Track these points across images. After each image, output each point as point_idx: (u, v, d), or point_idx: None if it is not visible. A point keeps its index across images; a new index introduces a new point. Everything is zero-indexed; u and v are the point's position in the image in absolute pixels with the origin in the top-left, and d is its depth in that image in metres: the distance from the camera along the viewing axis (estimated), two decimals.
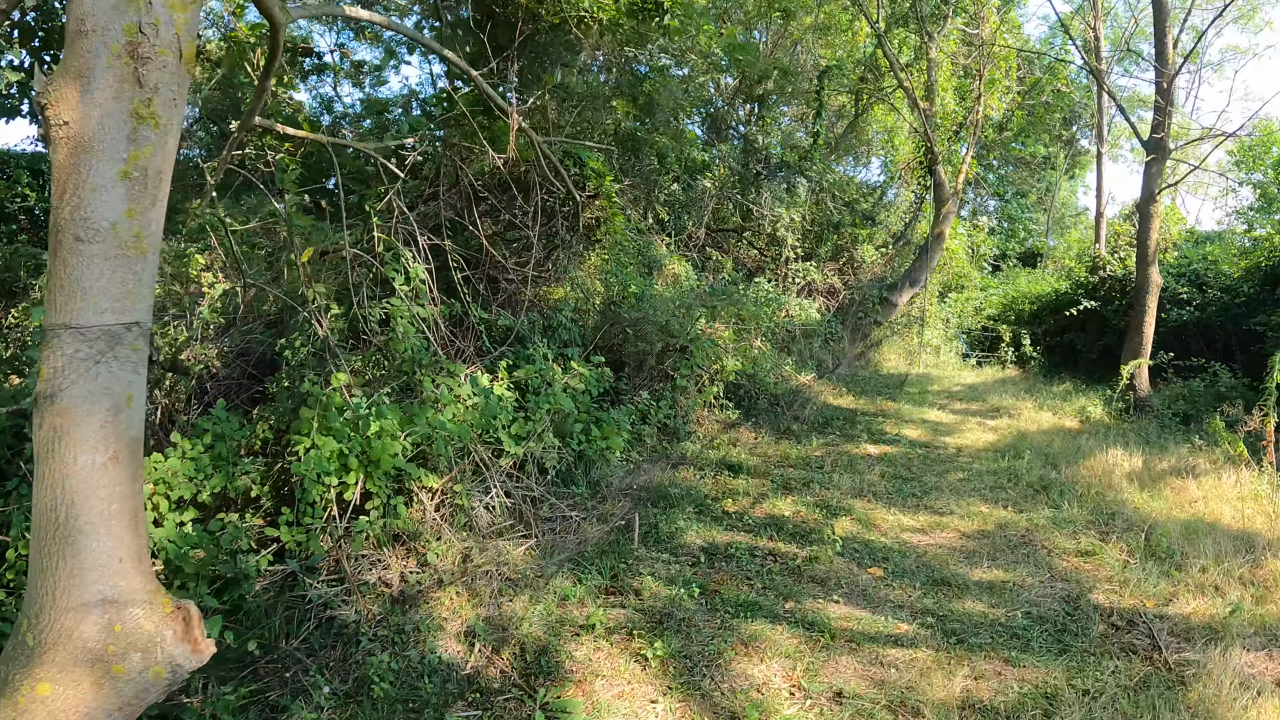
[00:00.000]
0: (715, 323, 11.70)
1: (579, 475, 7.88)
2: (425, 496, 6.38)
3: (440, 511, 6.37)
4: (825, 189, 19.36)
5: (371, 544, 6.04)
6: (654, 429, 9.83)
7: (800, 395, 13.07)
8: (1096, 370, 17.95)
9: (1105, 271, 18.29)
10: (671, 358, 10.68)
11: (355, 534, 5.89)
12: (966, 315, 21.24)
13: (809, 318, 17.64)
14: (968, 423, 12.64)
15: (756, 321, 14.59)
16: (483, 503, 6.57)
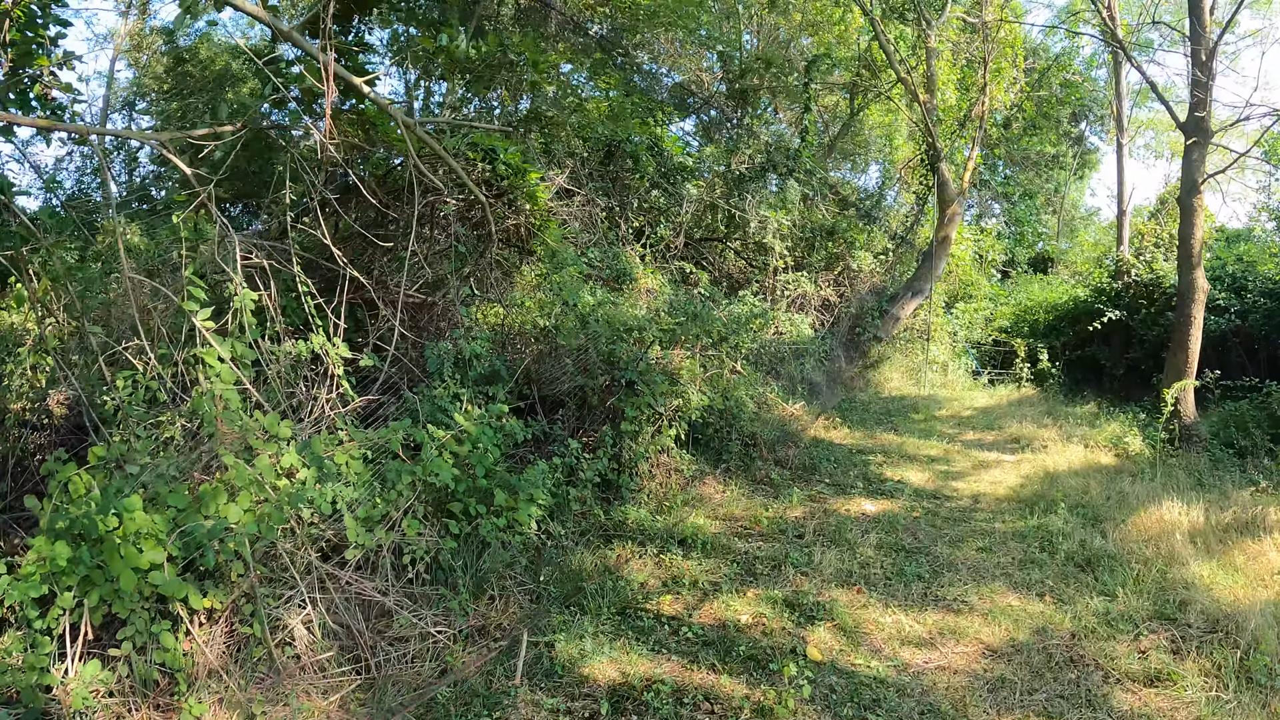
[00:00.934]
0: (676, 348, 9.75)
1: (460, 569, 5.90)
2: (204, 619, 4.44)
3: (227, 641, 4.42)
4: (816, 190, 17.41)
5: (119, 691, 4.11)
6: (587, 490, 7.87)
7: (786, 431, 11.09)
8: (1123, 388, 15.96)
9: (1130, 277, 16.31)
10: (618, 394, 8.73)
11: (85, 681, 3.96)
12: (975, 328, 19.27)
13: (800, 334, 15.71)
14: (984, 460, 10.65)
15: (735, 343, 12.65)
16: (299, 619, 4.62)
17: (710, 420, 9.85)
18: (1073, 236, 33.76)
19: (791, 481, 9.23)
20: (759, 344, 14.11)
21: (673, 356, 9.33)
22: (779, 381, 14.23)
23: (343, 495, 5.35)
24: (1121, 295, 16.37)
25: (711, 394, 9.82)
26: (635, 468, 8.72)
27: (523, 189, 9.00)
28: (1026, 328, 18.60)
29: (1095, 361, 16.69)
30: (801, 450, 10.40)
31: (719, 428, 9.95)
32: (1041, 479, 9.48)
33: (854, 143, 27.91)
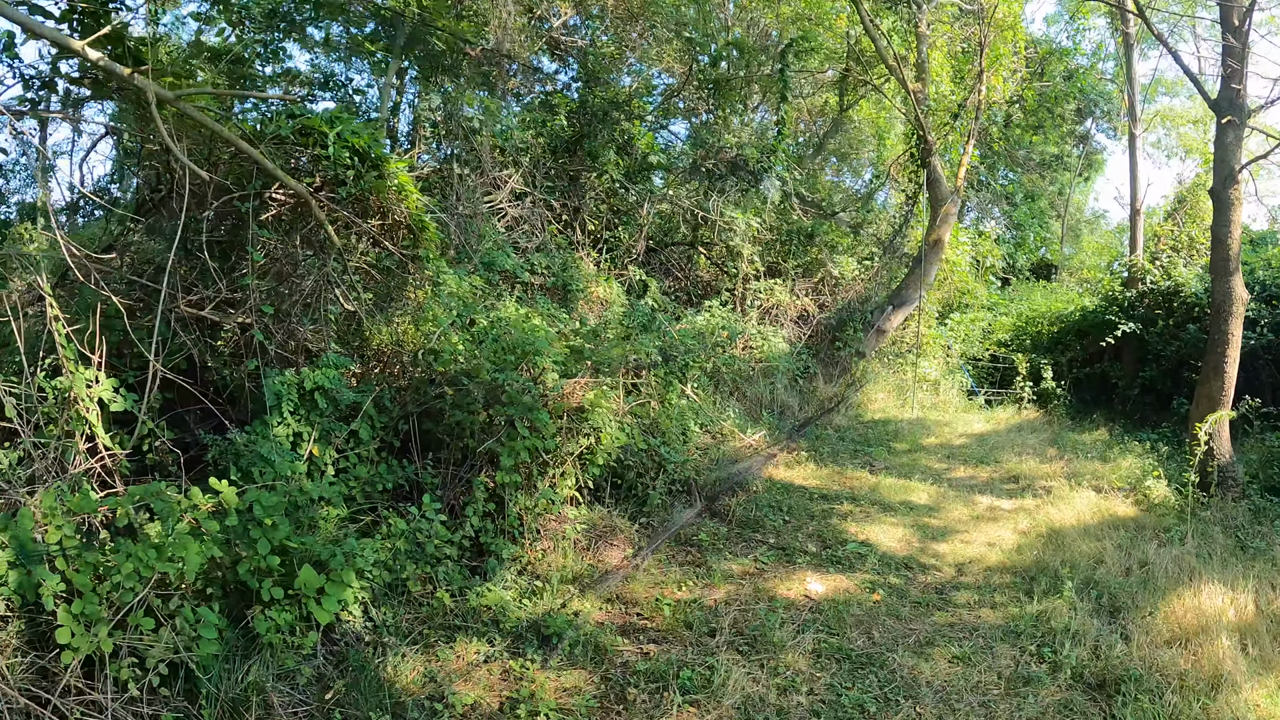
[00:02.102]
0: (584, 376, 7.88)
1: (215, 679, 4.08)
2: None
3: None
4: (793, 189, 15.53)
5: None
6: (441, 564, 6.04)
7: (734, 471, 9.20)
8: (1137, 411, 14.04)
9: (1145, 284, 14.40)
10: (500, 434, 6.87)
11: None
12: (972, 341, 17.33)
13: (772, 350, 13.84)
14: (975, 509, 8.75)
15: (683, 363, 10.79)
16: None
17: (630, 463, 7.97)
18: (1077, 242, 31.83)
19: (725, 543, 7.33)
20: (722, 362, 12.26)
21: (573, 387, 7.44)
22: (743, 405, 12.37)
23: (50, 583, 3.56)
24: (1135, 305, 14.47)
25: (632, 430, 7.94)
26: (519, 528, 6.87)
27: (382, 182, 7.13)
28: (1028, 341, 16.67)
29: (1105, 380, 14.77)
30: (749, 498, 8.50)
31: (646, 469, 8.06)
32: (1044, 539, 7.57)
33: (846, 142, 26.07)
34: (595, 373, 8.21)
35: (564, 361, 7.75)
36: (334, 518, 6.45)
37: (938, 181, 15.58)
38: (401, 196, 7.60)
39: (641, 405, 8.77)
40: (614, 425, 7.81)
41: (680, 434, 9.49)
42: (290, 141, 7.09)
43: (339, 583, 5.17)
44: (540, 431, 6.90)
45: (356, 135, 7.09)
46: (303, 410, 6.89)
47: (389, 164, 7.33)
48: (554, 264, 13.93)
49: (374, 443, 7.35)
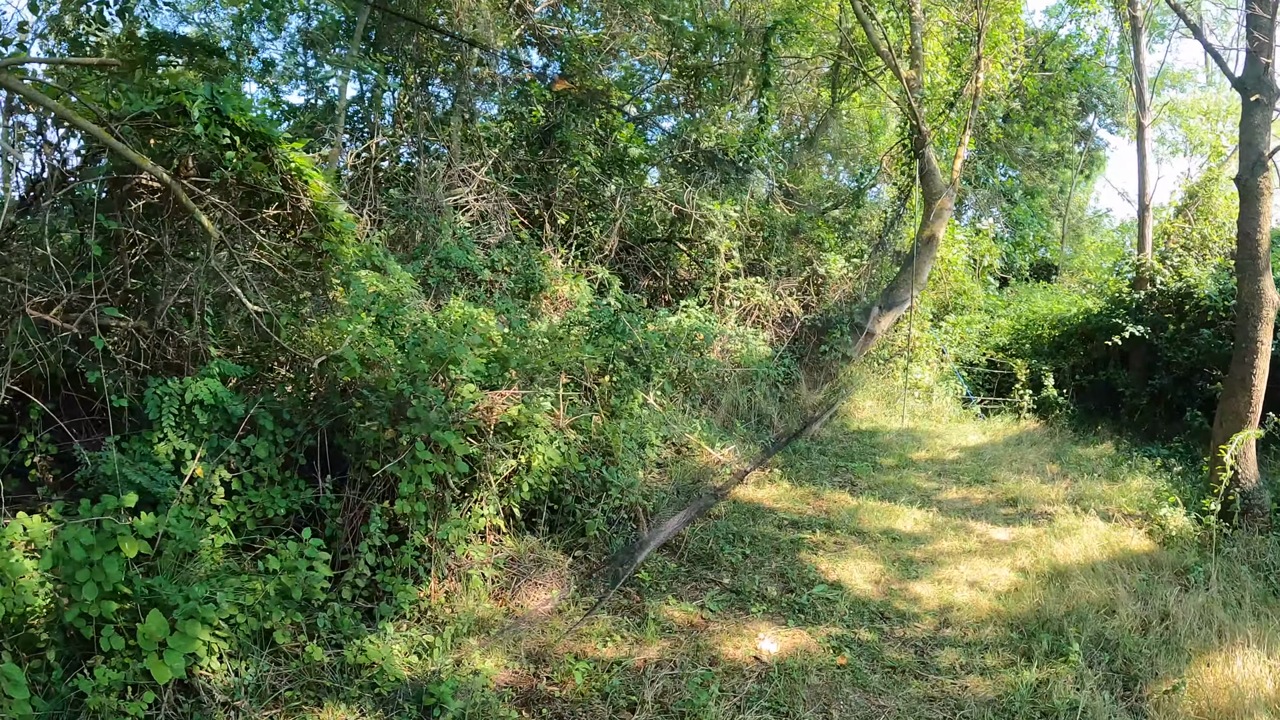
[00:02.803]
0: (510, 385, 6.81)
1: None
2: None
3: None
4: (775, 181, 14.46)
5: None
6: (313, 608, 5.03)
7: (695, 492, 8.14)
8: (1146, 421, 12.97)
9: (1154, 285, 13.33)
10: (405, 454, 5.82)
11: None
12: (968, 345, 16.24)
13: (753, 353, 12.78)
14: (965, 539, 7.67)
15: (644, 368, 9.73)
16: None
17: (566, 486, 6.91)
18: (1078, 242, 30.68)
19: (670, 583, 6.27)
20: (694, 366, 11.21)
21: (494, 400, 6.38)
22: (716, 414, 11.31)
23: None
24: (1143, 308, 13.40)
25: (569, 450, 6.87)
26: (426, 565, 5.84)
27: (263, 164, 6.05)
28: (1028, 345, 15.58)
29: (1111, 388, 13.70)
30: (708, 525, 7.43)
31: (581, 495, 7.00)
32: (1045, 581, 6.51)
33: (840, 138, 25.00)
34: (529, 383, 7.14)
35: (485, 371, 6.67)
36: (220, 549, 5.48)
37: (932, 174, 14.51)
38: (299, 182, 6.51)
39: (585, 419, 7.69)
40: (548, 444, 6.76)
41: (637, 449, 8.43)
42: (158, 120, 6.02)
43: (185, 634, 4.18)
44: (449, 454, 5.84)
45: (240, 112, 6.02)
46: (186, 425, 5.88)
47: (279, 144, 6.24)
48: (516, 261, 12.88)
49: (278, 460, 6.35)
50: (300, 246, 6.76)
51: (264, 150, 6.13)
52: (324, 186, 6.57)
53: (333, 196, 6.79)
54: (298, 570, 5.22)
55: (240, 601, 4.84)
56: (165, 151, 6.05)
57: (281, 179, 6.37)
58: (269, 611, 5.01)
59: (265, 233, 6.66)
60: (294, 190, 6.48)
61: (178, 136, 5.92)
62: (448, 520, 6.12)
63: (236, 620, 4.82)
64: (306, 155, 6.44)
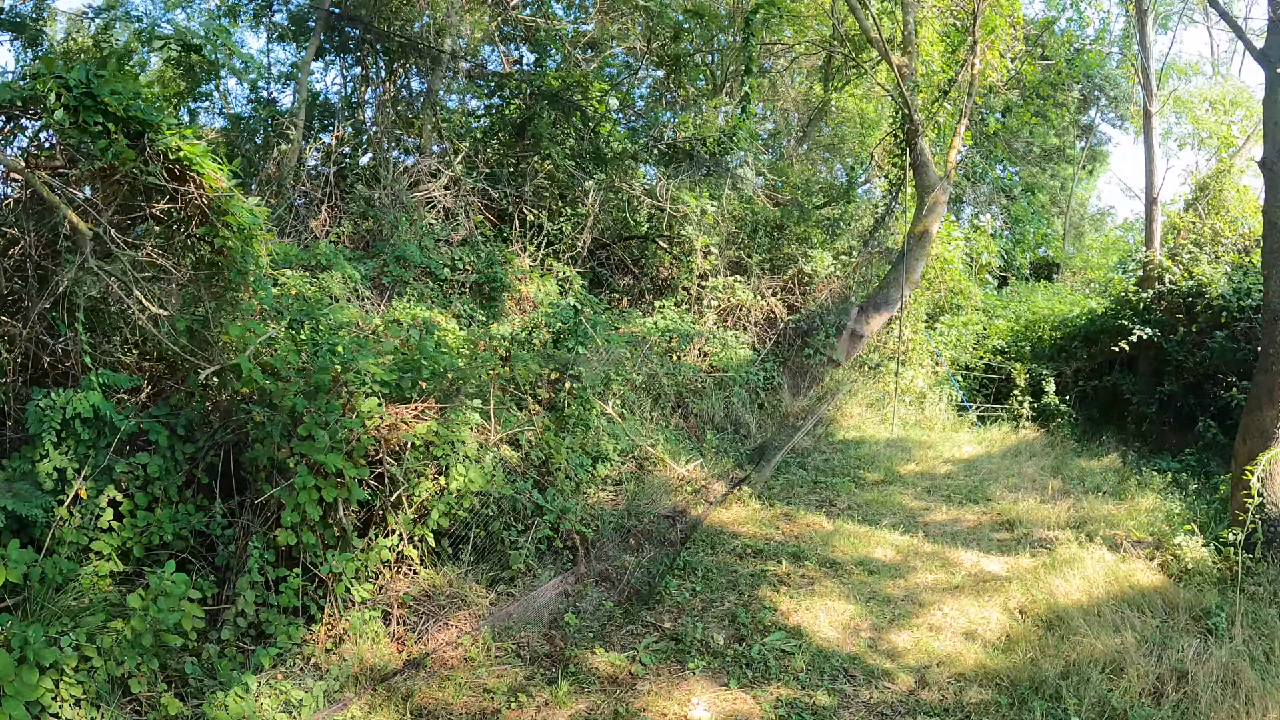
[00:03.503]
0: (421, 398, 5.91)
1: None
2: None
3: None
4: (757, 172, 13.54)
5: None
6: (170, 651, 4.17)
7: (651, 515, 7.23)
8: (1154, 431, 12.04)
9: (1163, 284, 12.40)
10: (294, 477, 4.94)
11: None
12: (964, 347, 15.29)
13: (733, 357, 11.87)
14: (951, 573, 6.75)
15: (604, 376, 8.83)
16: None
17: (491, 512, 6.00)
18: (1080, 240, 29.69)
19: (603, 626, 5.36)
20: (664, 372, 10.32)
21: (401, 416, 5.47)
22: (687, 424, 10.41)
23: None
24: (1151, 308, 12.47)
25: (493, 471, 5.95)
26: (318, 601, 4.99)
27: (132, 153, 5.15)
28: (1027, 348, 14.64)
29: (1116, 394, 12.76)
30: (657, 553, 6.52)
31: (510, 522, 6.09)
32: (1042, 626, 5.59)
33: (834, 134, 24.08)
34: (455, 393, 6.23)
35: (393, 382, 5.76)
36: (105, 578, 4.69)
37: (925, 165, 13.58)
38: (190, 173, 5.60)
39: (522, 434, 6.79)
40: (472, 464, 5.85)
41: (589, 465, 7.54)
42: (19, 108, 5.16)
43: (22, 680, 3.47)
44: (338, 476, 4.96)
45: (117, 95, 5.13)
46: (69, 441, 5.09)
47: (162, 131, 5.34)
48: (479, 259, 11.99)
49: (178, 478, 5.55)
50: (191, 244, 5.87)
51: (140, 137, 5.25)
52: (220, 178, 5.67)
53: (234, 189, 5.88)
54: (164, 608, 4.40)
55: (99, 643, 4.09)
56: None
57: (167, 170, 5.48)
58: (123, 655, 4.21)
59: (159, 230, 5.81)
60: (183, 182, 5.60)
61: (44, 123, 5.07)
62: (348, 551, 5.26)
63: (94, 664, 4.20)
64: (199, 144, 5.54)
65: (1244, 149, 14.05)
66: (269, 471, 5.47)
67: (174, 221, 5.81)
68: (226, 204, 5.74)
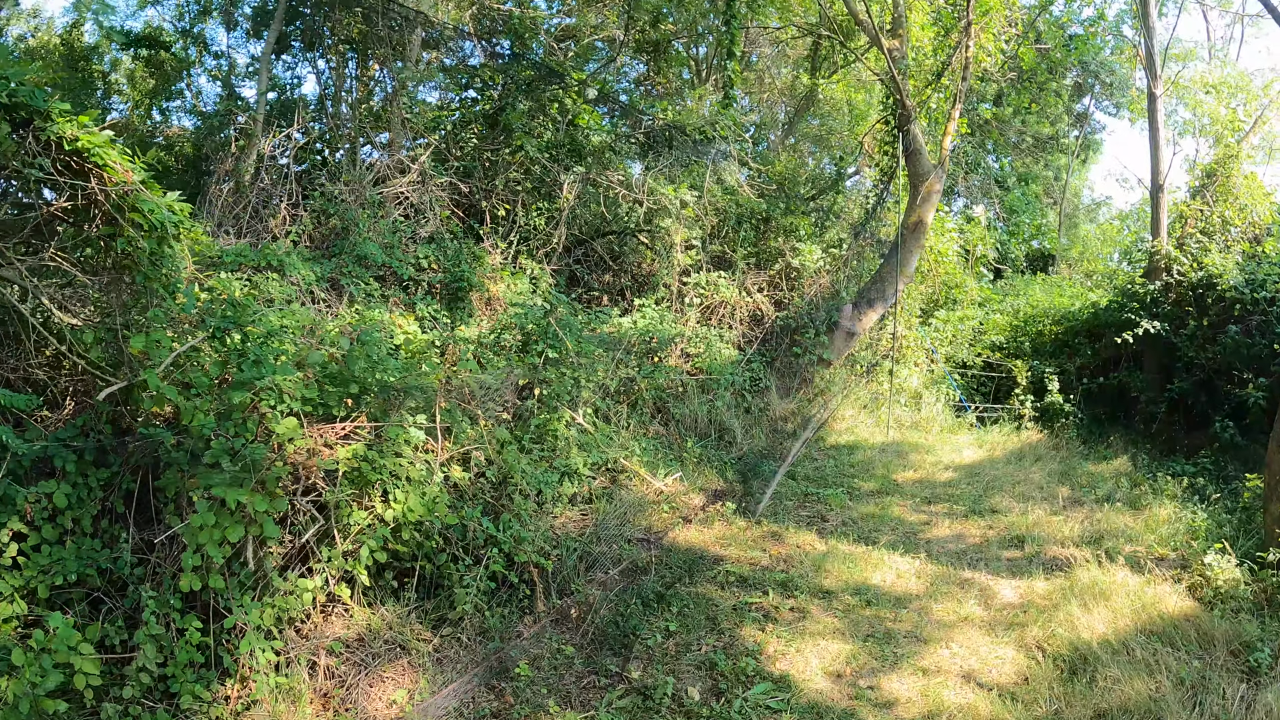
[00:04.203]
0: (353, 416, 5.17)
1: None
2: None
3: None
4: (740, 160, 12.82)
5: None
6: None
7: (622, 539, 6.50)
8: (1165, 432, 11.37)
9: (1171, 275, 11.73)
10: None
11: None
12: (961, 343, 14.61)
13: (716, 357, 11.16)
14: (958, 601, 6.04)
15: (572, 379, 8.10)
16: None
17: (436, 544, 5.27)
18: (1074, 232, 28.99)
19: (559, 676, 4.63)
20: (642, 375, 9.61)
21: (319, 437, 4.73)
22: (667, 431, 9.70)
23: None
24: (1159, 301, 11.79)
25: (435, 499, 5.21)
26: (232, 653, 4.27)
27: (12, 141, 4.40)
28: (1027, 344, 13.96)
29: (1123, 393, 12.09)
30: (628, 584, 5.79)
31: (459, 554, 5.35)
32: (1064, 667, 4.88)
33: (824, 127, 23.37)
34: (390, 410, 5.48)
35: (318, 399, 5.02)
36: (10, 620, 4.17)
37: (918, 153, 12.87)
38: (90, 166, 4.84)
39: (485, 449, 6.05)
40: (411, 489, 5.12)
41: (554, 483, 6.80)
42: None
43: None
44: (244, 509, 4.22)
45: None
46: None
47: (55, 118, 4.57)
48: (445, 257, 11.24)
49: (91, 507, 4.83)
50: (107, 246, 5.11)
51: (26, 126, 4.49)
52: (129, 171, 4.90)
53: (145, 183, 5.11)
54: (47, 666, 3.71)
55: None
56: None
57: (64, 162, 4.72)
58: None
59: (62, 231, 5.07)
60: (83, 177, 4.83)
61: None
62: (270, 593, 4.54)
63: None
64: (103, 134, 4.78)
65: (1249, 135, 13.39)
66: (178, 503, 4.76)
67: (80, 221, 5.06)
68: (135, 200, 4.98)
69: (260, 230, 11.25)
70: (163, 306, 5.53)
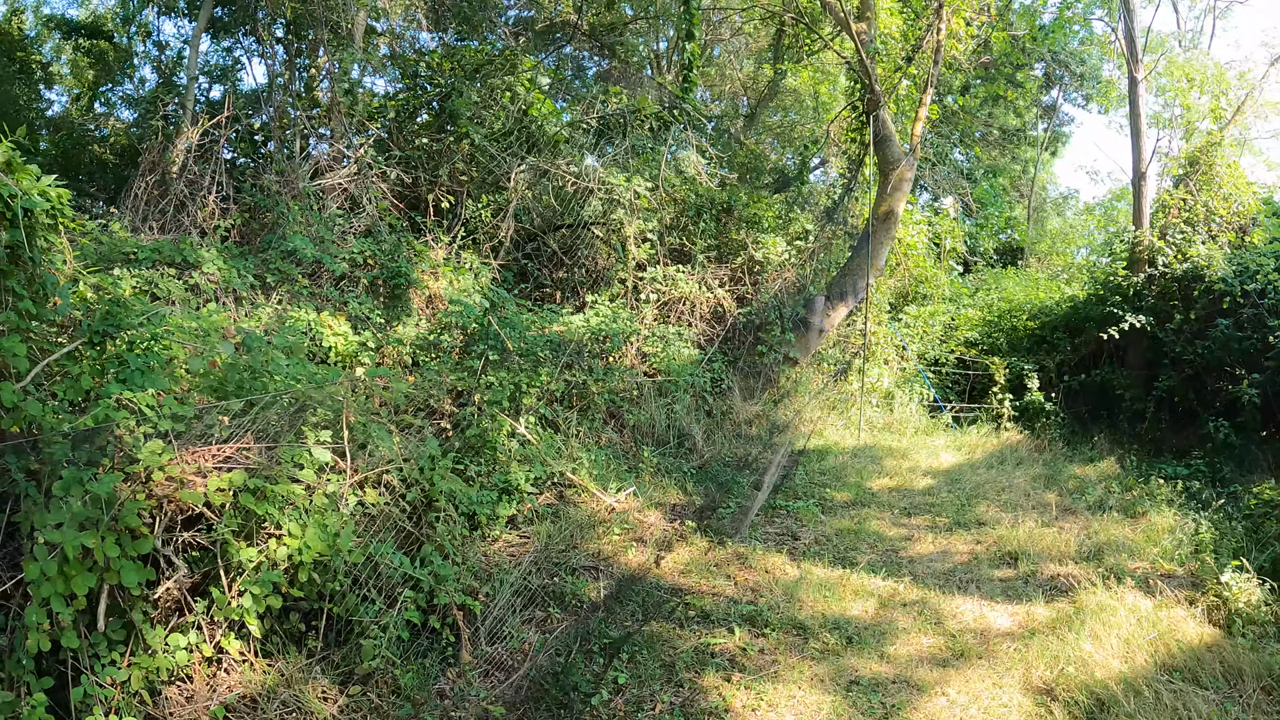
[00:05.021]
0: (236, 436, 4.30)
1: None
2: None
3: None
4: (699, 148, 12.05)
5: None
6: None
7: (567, 568, 5.68)
8: (1151, 432, 10.78)
9: (1156, 266, 11.15)
10: None
11: None
12: (931, 339, 13.94)
13: (674, 357, 10.38)
14: (948, 635, 5.30)
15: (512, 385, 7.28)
16: None
17: (338, 586, 4.41)
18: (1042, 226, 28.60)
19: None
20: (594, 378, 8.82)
21: (187, 463, 3.87)
22: (621, 438, 8.90)
23: None
24: (1143, 294, 11.22)
25: (338, 533, 4.35)
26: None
27: None
28: (1002, 340, 13.34)
29: (1106, 390, 11.48)
30: (571, 624, 4.97)
31: (371, 595, 4.50)
32: (1080, 714, 4.14)
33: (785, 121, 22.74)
34: (290, 426, 4.61)
35: (186, 416, 4.14)
36: None
37: (888, 140, 12.18)
38: None
39: (409, 468, 5.18)
40: (309, 521, 4.26)
41: (491, 503, 5.97)
42: None
43: None
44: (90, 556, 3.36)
45: None
46: None
47: None
48: (381, 252, 10.35)
49: None
50: None
51: None
52: None
53: (13, 166, 4.21)
54: None
55: None
56: None
57: None
58: None
59: None
60: None
61: None
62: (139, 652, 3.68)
63: None
64: None
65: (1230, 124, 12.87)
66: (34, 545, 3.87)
67: None
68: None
69: (187, 225, 10.36)
70: (21, 308, 4.62)
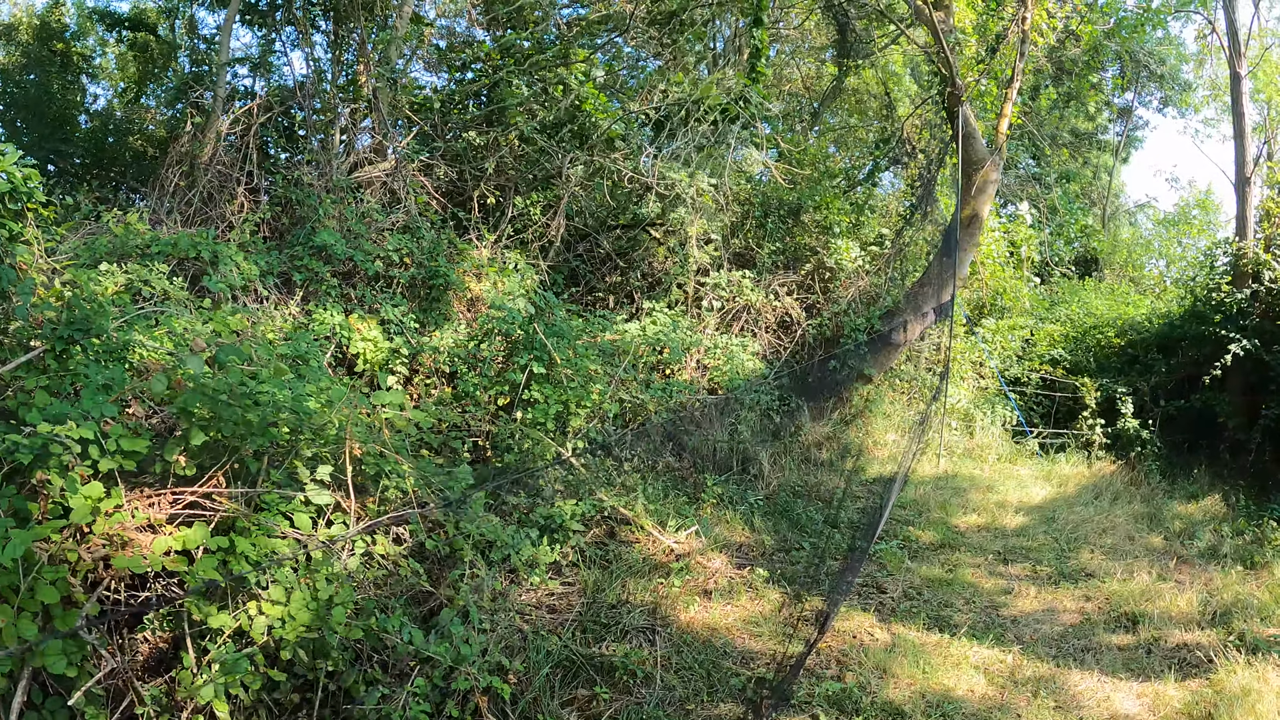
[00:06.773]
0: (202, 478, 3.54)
1: None
2: None
3: None
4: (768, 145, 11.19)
5: None
6: None
7: (617, 630, 4.88)
8: (1258, 466, 9.67)
9: (1260, 282, 10.05)
10: None
11: None
12: (1011, 356, 12.89)
13: (739, 371, 9.55)
14: (1072, 717, 4.40)
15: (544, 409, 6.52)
16: None
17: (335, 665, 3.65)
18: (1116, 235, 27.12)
19: None
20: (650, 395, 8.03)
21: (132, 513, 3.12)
22: (681, 464, 8.10)
23: None
24: (1246, 312, 10.10)
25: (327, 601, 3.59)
26: None
27: None
28: (1091, 358, 12.24)
29: (1207, 418, 10.36)
30: (614, 698, 4.17)
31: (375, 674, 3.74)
32: None
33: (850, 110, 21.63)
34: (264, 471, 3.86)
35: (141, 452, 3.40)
36: None
37: (971, 137, 11.17)
38: None
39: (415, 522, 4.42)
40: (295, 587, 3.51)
41: (530, 546, 5.20)
42: None
43: None
44: None
45: None
46: None
47: None
48: (419, 251, 9.64)
49: None
50: None
51: None
52: None
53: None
54: None
55: None
56: None
57: None
58: None
59: None
60: None
61: None
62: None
63: None
64: None
65: None
66: None
67: None
68: None
69: (214, 218, 9.81)
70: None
